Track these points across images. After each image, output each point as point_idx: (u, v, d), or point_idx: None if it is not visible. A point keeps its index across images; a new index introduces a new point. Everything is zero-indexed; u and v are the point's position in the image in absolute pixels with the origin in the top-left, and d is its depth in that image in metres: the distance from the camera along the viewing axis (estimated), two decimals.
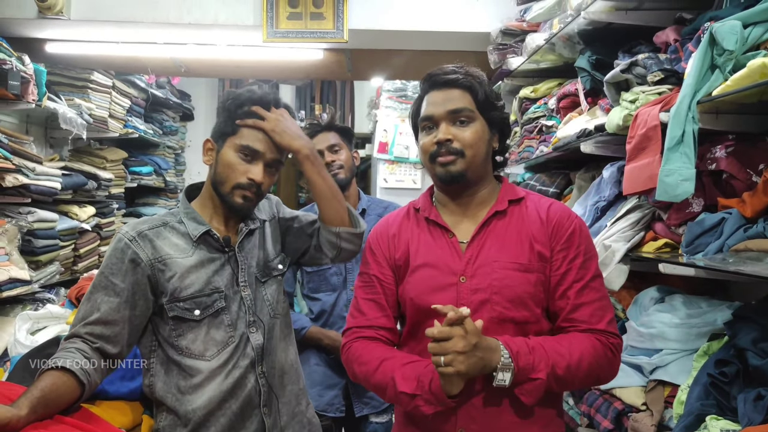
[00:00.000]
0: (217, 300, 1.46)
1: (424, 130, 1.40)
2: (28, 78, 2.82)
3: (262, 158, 1.47)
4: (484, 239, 1.35)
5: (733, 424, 1.38)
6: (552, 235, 1.33)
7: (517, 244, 1.33)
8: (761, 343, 1.43)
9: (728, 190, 1.59)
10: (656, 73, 1.74)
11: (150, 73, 4.24)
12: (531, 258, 1.32)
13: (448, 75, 1.38)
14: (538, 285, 1.31)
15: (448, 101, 1.36)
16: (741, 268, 1.32)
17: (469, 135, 1.34)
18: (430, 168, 1.39)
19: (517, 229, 1.35)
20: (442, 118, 1.36)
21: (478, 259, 1.33)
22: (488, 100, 1.38)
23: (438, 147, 1.35)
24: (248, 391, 1.48)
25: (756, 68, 1.30)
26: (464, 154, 1.34)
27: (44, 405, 1.19)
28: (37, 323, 2.12)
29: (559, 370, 1.23)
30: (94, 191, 3.69)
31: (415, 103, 1.44)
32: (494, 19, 3.15)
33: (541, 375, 1.21)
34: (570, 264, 1.32)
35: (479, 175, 1.39)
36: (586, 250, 1.34)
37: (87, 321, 1.38)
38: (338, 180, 2.24)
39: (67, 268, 3.43)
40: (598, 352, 1.27)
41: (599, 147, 2.10)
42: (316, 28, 3.15)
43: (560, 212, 1.37)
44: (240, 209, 1.49)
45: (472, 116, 1.36)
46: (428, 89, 1.40)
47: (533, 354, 1.22)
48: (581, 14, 2.09)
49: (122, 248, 1.43)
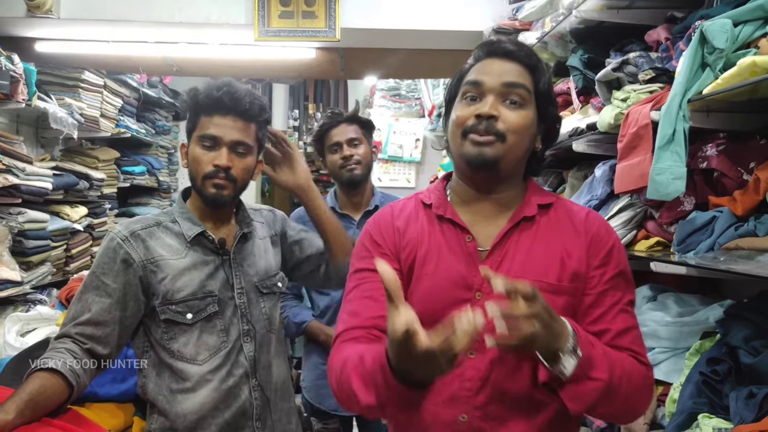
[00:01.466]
0: (210, 304, 1.45)
1: (465, 99, 1.13)
2: (17, 77, 2.80)
3: (222, 143, 1.43)
4: (506, 249, 1.12)
5: (725, 422, 1.38)
6: (590, 249, 1.12)
7: (544, 258, 1.11)
8: (753, 341, 1.44)
9: (719, 188, 1.59)
10: (647, 71, 1.74)
11: (142, 72, 4.21)
12: (561, 277, 1.10)
13: (513, 46, 1.14)
14: (568, 310, 1.08)
15: (506, 73, 1.12)
16: (732, 266, 1.32)
17: (516, 118, 1.10)
18: (457, 145, 1.13)
19: (545, 240, 1.13)
20: (491, 90, 1.11)
21: (498, 272, 1.05)
22: (549, 92, 1.16)
23: (477, 121, 1.10)
24: (242, 402, 1.46)
25: (746, 66, 1.30)
26: (505, 138, 1.09)
27: (32, 408, 1.18)
28: (27, 325, 2.11)
29: (616, 378, 1.00)
30: (86, 191, 3.67)
31: (458, 72, 1.19)
32: (487, 18, 3.14)
33: (603, 375, 0.99)
34: (608, 284, 1.11)
35: (512, 172, 1.15)
36: (626, 268, 1.15)
37: (77, 321, 1.37)
38: (354, 175, 2.20)
39: (58, 268, 3.41)
40: (642, 375, 1.07)
41: (591, 145, 2.10)
42: (308, 27, 3.14)
43: (598, 222, 1.16)
44: (215, 199, 1.45)
45: (527, 99, 1.12)
46: (483, 56, 1.16)
47: (595, 348, 1.00)
48: (573, 13, 2.09)
49: (114, 248, 1.41)
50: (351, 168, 2.20)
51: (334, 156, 2.23)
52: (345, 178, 2.22)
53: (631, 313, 1.13)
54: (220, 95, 1.42)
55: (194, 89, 1.47)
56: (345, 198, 2.30)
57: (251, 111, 1.46)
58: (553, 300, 1.05)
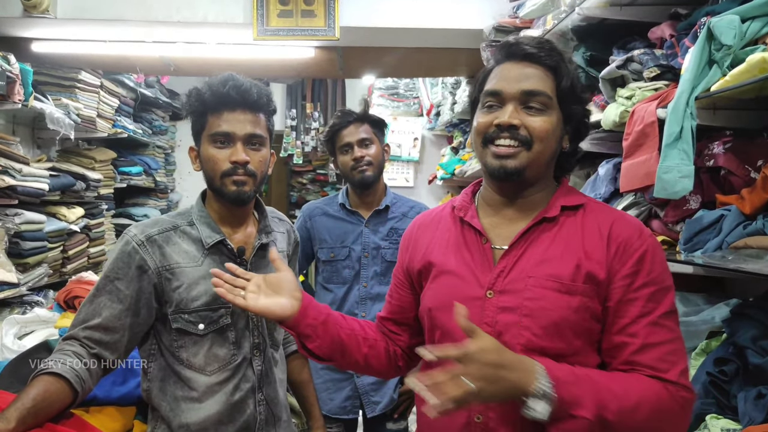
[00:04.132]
0: (223, 316, 1.41)
1: (485, 108, 1.14)
2: (14, 78, 2.78)
3: (236, 138, 1.39)
4: (523, 249, 1.12)
5: (733, 423, 1.37)
6: (616, 256, 1.08)
7: (561, 258, 1.09)
8: (761, 341, 1.42)
9: (726, 186, 1.58)
10: (652, 68, 1.72)
11: (139, 72, 4.18)
12: (576, 277, 1.07)
13: (531, 47, 1.12)
14: (582, 312, 1.06)
15: (525, 79, 1.11)
16: (741, 265, 1.31)
17: (540, 124, 1.09)
18: (480, 154, 1.15)
19: (566, 241, 1.11)
20: (511, 98, 1.11)
21: (512, 271, 1.10)
22: (573, 89, 1.13)
23: (498, 130, 1.10)
24: (247, 416, 1.43)
25: (755, 63, 1.29)
26: (531, 145, 1.09)
27: (34, 415, 1.15)
28: (25, 327, 2.08)
29: (609, 413, 0.97)
30: (83, 192, 3.65)
31: (480, 75, 1.19)
32: (487, 16, 3.13)
33: (585, 413, 0.96)
34: (636, 293, 1.06)
35: (539, 177, 1.15)
36: (662, 277, 1.07)
37: (87, 325, 1.33)
38: (365, 177, 2.17)
39: (55, 270, 3.39)
40: (663, 403, 1.00)
41: (595, 144, 2.09)
42: (307, 26, 3.12)
43: (630, 228, 1.10)
44: (237, 196, 1.41)
45: (549, 104, 1.11)
46: (503, 59, 1.15)
47: (579, 385, 0.98)
48: (575, 10, 2.08)
49: (130, 252, 1.37)
50: (362, 169, 2.17)
51: (345, 157, 2.20)
52: (357, 179, 2.19)
53: (668, 327, 1.05)
54: (227, 90, 1.38)
55: (197, 89, 1.43)
56: (356, 197, 2.28)
57: (260, 102, 1.42)
58: (566, 300, 1.05)
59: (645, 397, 1.00)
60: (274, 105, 1.50)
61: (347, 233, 2.23)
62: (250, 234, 1.50)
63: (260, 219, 1.54)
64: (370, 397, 2.21)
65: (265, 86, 1.46)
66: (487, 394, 0.94)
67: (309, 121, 5.89)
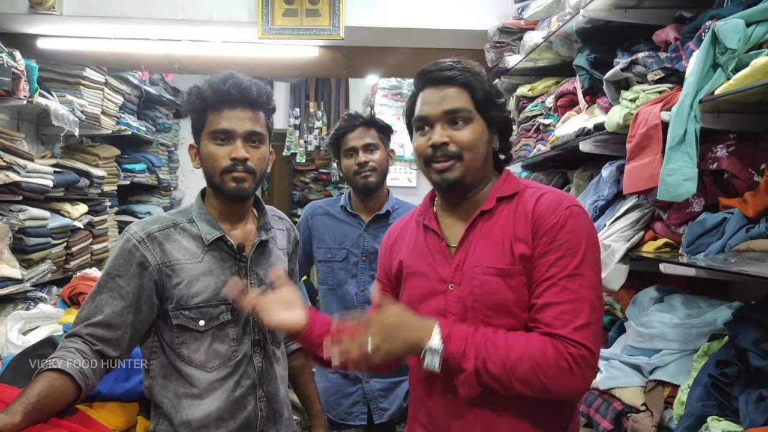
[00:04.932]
0: (224, 312, 1.42)
1: (419, 131, 1.30)
2: (19, 74, 2.78)
3: (236, 135, 1.40)
4: (470, 243, 1.27)
5: (734, 425, 1.37)
6: (533, 231, 1.21)
7: (499, 246, 1.23)
8: (762, 344, 1.42)
9: (729, 189, 1.58)
10: (657, 71, 1.73)
11: (143, 69, 4.20)
12: (513, 260, 1.21)
13: (444, 72, 1.27)
14: (521, 289, 1.20)
15: (444, 100, 1.26)
16: (744, 268, 1.31)
17: (466, 136, 1.25)
18: (425, 172, 1.31)
19: (501, 229, 1.25)
20: (437, 119, 1.26)
21: (465, 264, 1.25)
22: (488, 98, 1.28)
23: (433, 150, 1.26)
24: (247, 413, 1.44)
25: (760, 67, 1.29)
26: (462, 157, 1.25)
27: (39, 410, 1.17)
28: (29, 323, 2.09)
29: (491, 365, 1.12)
30: (87, 189, 3.65)
31: (409, 101, 1.35)
32: (491, 17, 3.14)
33: (468, 366, 1.13)
34: (542, 259, 1.19)
35: (478, 179, 1.30)
36: (569, 244, 1.18)
37: (89, 322, 1.34)
38: (368, 183, 2.16)
39: (59, 266, 3.39)
40: (546, 358, 1.12)
41: (598, 146, 2.09)
42: (312, 25, 3.13)
43: (547, 203, 1.22)
44: (237, 193, 1.42)
45: (470, 116, 1.26)
46: (423, 86, 1.30)
47: (467, 342, 1.14)
48: (580, 12, 2.08)
49: (130, 249, 1.38)
50: (366, 175, 2.15)
51: (349, 161, 2.19)
52: (359, 184, 2.17)
53: (570, 288, 1.16)
54: (228, 88, 1.39)
55: (197, 87, 1.44)
56: (358, 201, 2.27)
57: (259, 100, 1.44)
58: (506, 282, 1.21)
59: (527, 353, 1.13)
60: (274, 103, 1.51)
61: (346, 235, 2.23)
62: (250, 231, 1.51)
63: (259, 216, 1.56)
64: (378, 403, 2.20)
65: (265, 84, 1.47)
66: (384, 350, 1.14)
67: (312, 120, 5.90)
